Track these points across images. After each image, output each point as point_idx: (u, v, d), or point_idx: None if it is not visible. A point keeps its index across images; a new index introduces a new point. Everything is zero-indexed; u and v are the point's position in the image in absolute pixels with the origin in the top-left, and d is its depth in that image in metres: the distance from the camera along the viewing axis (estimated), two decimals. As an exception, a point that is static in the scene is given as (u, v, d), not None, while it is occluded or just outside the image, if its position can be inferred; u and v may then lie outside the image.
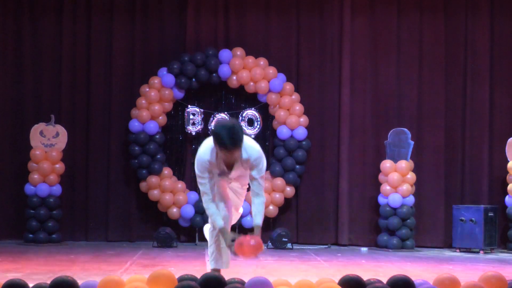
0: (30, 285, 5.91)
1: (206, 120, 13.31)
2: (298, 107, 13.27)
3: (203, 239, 12.99)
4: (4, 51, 13.40)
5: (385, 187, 12.89)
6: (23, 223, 12.87)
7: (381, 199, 12.97)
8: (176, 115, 13.47)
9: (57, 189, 12.87)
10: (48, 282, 5.87)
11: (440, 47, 13.52)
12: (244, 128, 13.15)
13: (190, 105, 13.38)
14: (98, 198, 13.40)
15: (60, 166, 12.92)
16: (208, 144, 6.79)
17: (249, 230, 12.97)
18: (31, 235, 12.75)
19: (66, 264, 10.04)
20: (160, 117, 13.22)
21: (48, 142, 12.89)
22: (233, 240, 6.62)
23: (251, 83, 13.26)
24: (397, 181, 12.77)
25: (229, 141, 6.44)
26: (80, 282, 5.91)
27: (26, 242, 12.72)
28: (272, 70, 13.27)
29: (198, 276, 6.08)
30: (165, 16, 13.58)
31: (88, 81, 13.49)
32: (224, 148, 6.49)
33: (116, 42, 13.51)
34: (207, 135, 13.01)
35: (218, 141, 6.48)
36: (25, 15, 13.41)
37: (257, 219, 6.74)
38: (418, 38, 13.56)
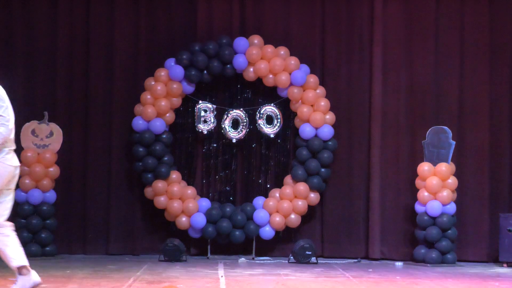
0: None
1: (219, 117, 13.22)
2: (324, 103, 13.13)
3: (215, 252, 13.16)
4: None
5: (423, 194, 12.74)
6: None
7: (418, 207, 12.85)
8: (186, 112, 13.40)
9: (51, 196, 12.83)
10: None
11: (484, 35, 13.37)
12: (262, 126, 13.15)
13: (202, 100, 13.29)
14: (97, 206, 13.40)
15: (54, 170, 12.87)
16: None
17: (268, 243, 13.13)
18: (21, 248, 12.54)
19: (61, 281, 9.97)
20: (168, 114, 13.13)
21: (41, 142, 12.86)
22: None
23: (270, 76, 13.14)
24: (437, 187, 12.64)
25: None
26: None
27: (16, 256, 12.52)
28: (293, 61, 13.15)
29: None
30: (173, 1, 13.57)
31: (87, 74, 13.47)
32: None
33: (118, 31, 13.50)
34: (220, 134, 13.23)
35: None
36: (16, 2, 13.44)
37: None
38: (459, 25, 13.43)
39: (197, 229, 12.96)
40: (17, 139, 12.36)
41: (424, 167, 12.75)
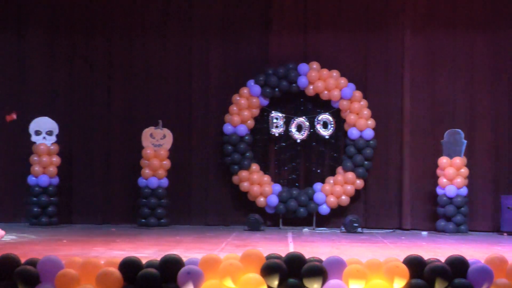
0: (144, 261, 5.98)
1: (287, 123, 13.29)
2: (366, 112, 13.19)
3: (285, 224, 13.23)
4: (120, 68, 13.60)
5: (442, 180, 12.76)
6: (137, 210, 13.07)
7: (438, 190, 12.83)
8: (262, 120, 13.47)
9: (164, 182, 13.03)
10: (158, 259, 5.95)
11: (489, 58, 13.27)
12: (320, 130, 13.15)
13: (274, 111, 13.36)
14: (198, 189, 13.49)
15: (166, 163, 13.08)
16: None
17: (325, 217, 13.21)
18: (143, 220, 12.94)
19: (172, 244, 10.16)
20: (249, 121, 13.29)
21: (157, 142, 13.06)
22: None
23: (325, 92, 13.22)
24: (453, 175, 12.67)
25: None
26: (185, 259, 5.97)
27: (139, 226, 12.92)
28: (343, 81, 13.22)
29: (283, 255, 6.10)
30: (251, 36, 13.61)
31: (189, 92, 13.60)
32: None
33: (212, 59, 13.58)
34: (288, 136, 13.31)
35: None
36: (137, 39, 13.59)
37: None
38: (470, 51, 13.32)
39: (271, 206, 13.11)
40: (139, 140, 13.01)
41: (443, 160, 12.77)
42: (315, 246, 10.37)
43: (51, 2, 13.59)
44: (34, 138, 13.04)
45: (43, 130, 13.04)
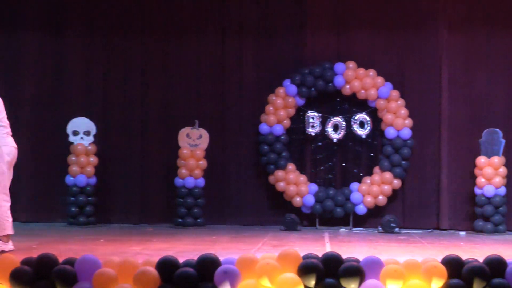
0: (180, 261, 6.01)
1: (323, 123, 13.26)
2: (403, 111, 13.12)
3: (322, 224, 13.21)
4: (156, 68, 13.68)
5: (480, 180, 12.64)
6: (173, 210, 13.15)
7: (476, 190, 12.71)
8: (298, 119, 13.43)
9: (201, 182, 13.08)
10: (195, 258, 5.97)
11: None
12: (356, 129, 13.13)
13: (310, 110, 13.34)
14: (234, 189, 13.52)
15: (203, 163, 13.13)
16: None
17: (362, 217, 13.16)
18: (180, 220, 13.01)
19: (209, 244, 10.20)
20: (285, 121, 13.28)
21: (193, 142, 13.10)
22: None
23: (362, 91, 13.17)
24: (491, 175, 12.55)
25: None
26: (221, 259, 5.99)
27: (176, 226, 13.00)
28: (380, 80, 13.16)
29: (319, 255, 6.08)
30: (287, 35, 13.58)
31: (224, 92, 13.63)
32: None
33: (247, 59, 13.60)
34: (324, 136, 13.28)
35: None
36: (172, 39, 13.64)
37: None
38: (506, 49, 13.20)
39: (308, 206, 13.08)
40: (176, 140, 13.09)
41: (481, 160, 12.66)
42: (352, 246, 10.35)
43: (88, 2, 13.72)
44: (71, 138, 13.18)
45: (81, 131, 13.18)
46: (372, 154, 13.42)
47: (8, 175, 8.98)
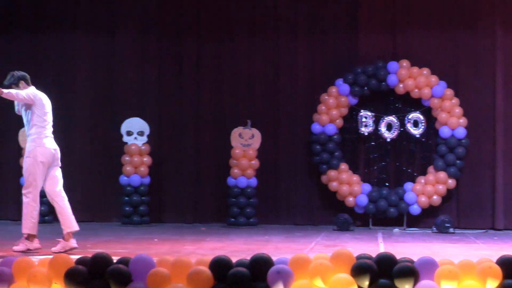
0: (233, 260, 6.01)
1: (376, 122, 13.19)
2: (458, 110, 12.98)
3: (375, 224, 13.12)
4: (208, 68, 13.76)
5: None
6: (226, 209, 13.22)
7: None
8: (351, 119, 13.38)
9: (253, 181, 13.12)
10: (248, 258, 5.97)
11: None
12: (410, 128, 13.04)
13: (363, 109, 13.29)
14: (287, 189, 13.50)
15: (255, 162, 13.18)
16: None
17: (416, 217, 13.05)
18: (232, 219, 13.08)
19: (262, 244, 10.25)
20: (338, 121, 13.24)
21: (246, 142, 13.16)
22: None
23: (416, 90, 13.07)
24: None
25: None
26: (274, 258, 5.97)
27: (229, 225, 13.07)
28: (434, 79, 13.04)
29: (373, 255, 6.04)
30: (339, 35, 13.56)
31: (277, 92, 13.64)
32: None
33: (299, 58, 13.59)
34: (378, 135, 13.20)
35: None
36: (224, 40, 13.72)
37: None
38: None
39: (361, 206, 13.02)
40: (228, 140, 13.15)
41: None
42: (406, 247, 10.28)
43: (141, 3, 13.87)
44: (125, 138, 13.34)
45: (135, 131, 13.33)
46: (426, 154, 13.30)
47: (40, 175, 8.95)
